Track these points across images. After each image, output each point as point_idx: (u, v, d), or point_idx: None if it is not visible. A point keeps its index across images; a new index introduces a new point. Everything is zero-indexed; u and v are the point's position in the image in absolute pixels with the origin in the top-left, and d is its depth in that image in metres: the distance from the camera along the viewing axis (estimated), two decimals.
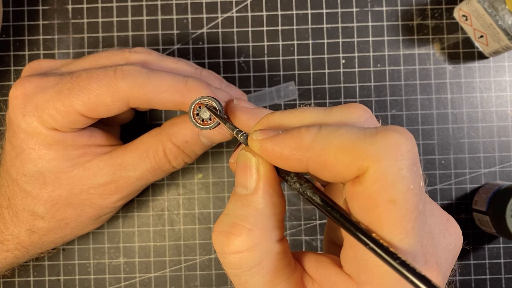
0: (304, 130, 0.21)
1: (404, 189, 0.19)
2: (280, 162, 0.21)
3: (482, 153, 0.43)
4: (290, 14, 0.44)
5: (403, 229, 0.19)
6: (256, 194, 0.22)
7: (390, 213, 0.19)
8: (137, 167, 0.35)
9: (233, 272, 0.22)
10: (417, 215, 0.19)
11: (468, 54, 0.44)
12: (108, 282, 0.43)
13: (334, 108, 0.22)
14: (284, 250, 0.23)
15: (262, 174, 0.22)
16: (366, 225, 0.19)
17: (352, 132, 0.20)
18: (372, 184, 0.19)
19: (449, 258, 0.23)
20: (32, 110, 0.32)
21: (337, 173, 0.20)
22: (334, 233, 0.27)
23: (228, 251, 0.21)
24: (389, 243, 0.19)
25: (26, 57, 0.44)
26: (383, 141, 0.19)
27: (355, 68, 0.44)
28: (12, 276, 0.43)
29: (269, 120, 0.23)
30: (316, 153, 0.20)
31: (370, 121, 0.22)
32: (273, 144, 0.21)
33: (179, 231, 0.43)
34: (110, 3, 0.44)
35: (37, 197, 0.34)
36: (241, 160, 0.23)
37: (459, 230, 0.23)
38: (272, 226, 0.22)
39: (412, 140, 0.19)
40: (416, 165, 0.19)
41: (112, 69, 0.32)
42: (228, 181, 0.43)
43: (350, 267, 0.21)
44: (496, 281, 0.43)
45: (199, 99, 0.28)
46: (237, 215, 0.22)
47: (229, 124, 0.26)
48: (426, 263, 0.20)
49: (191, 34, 0.44)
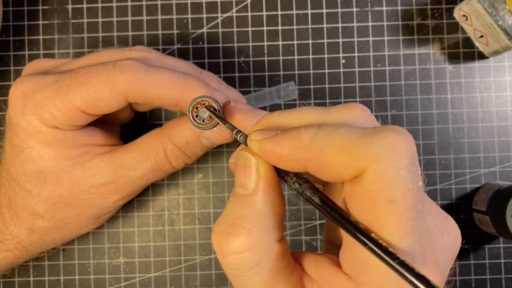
0: (303, 130, 0.21)
1: (402, 189, 0.19)
2: (279, 162, 0.21)
3: (482, 153, 0.43)
4: (290, 14, 0.44)
5: (401, 229, 0.19)
6: (255, 194, 0.22)
7: (388, 213, 0.19)
8: (138, 167, 0.35)
9: (232, 272, 0.22)
10: (415, 215, 0.19)
11: (468, 54, 0.44)
12: (108, 282, 0.43)
13: (333, 108, 0.22)
14: (283, 250, 0.23)
15: (262, 174, 0.22)
16: (365, 225, 0.19)
17: (351, 132, 0.20)
18: (370, 184, 0.19)
19: (448, 257, 0.23)
20: (32, 108, 0.32)
21: (336, 173, 0.20)
22: (333, 233, 0.27)
23: (227, 251, 0.21)
24: (388, 243, 0.19)
25: (26, 57, 0.44)
26: (381, 141, 0.19)
27: (355, 68, 0.44)
28: (12, 276, 0.43)
29: (268, 120, 0.23)
30: (315, 153, 0.20)
31: (369, 120, 0.22)
32: (272, 144, 0.21)
33: (179, 231, 0.43)
34: (110, 3, 0.44)
35: (38, 196, 0.34)
36: (241, 160, 0.23)
37: (457, 230, 0.23)
38: (271, 226, 0.22)
39: (410, 140, 0.19)
40: (415, 165, 0.19)
41: (111, 64, 0.32)
42: (228, 181, 0.43)
43: (349, 267, 0.21)
44: (496, 281, 0.43)
45: (198, 98, 0.28)
46: (237, 215, 0.22)
47: (229, 125, 0.26)
48: (425, 262, 0.20)
49: (191, 34, 0.44)
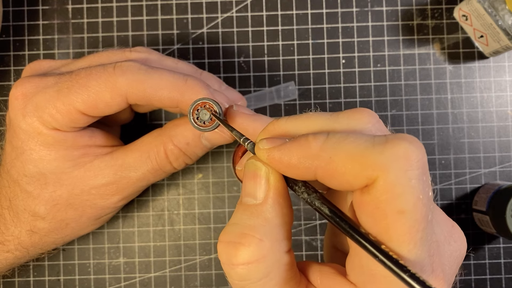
0: (311, 137, 0.20)
1: (413, 199, 0.18)
2: (288, 171, 0.21)
3: (482, 153, 0.43)
4: (290, 14, 0.44)
5: (411, 240, 0.19)
6: (266, 204, 0.22)
7: (398, 224, 0.18)
8: (138, 168, 0.35)
9: (240, 284, 0.21)
10: (425, 226, 0.19)
11: (468, 54, 0.44)
12: (108, 282, 0.43)
13: (341, 113, 0.22)
14: (291, 261, 0.22)
15: (272, 184, 0.22)
16: (375, 235, 0.19)
17: (361, 140, 0.19)
18: (381, 194, 0.19)
19: (454, 265, 0.22)
20: (32, 110, 0.32)
21: (345, 181, 0.20)
22: (336, 239, 0.26)
23: (236, 262, 0.21)
24: (398, 254, 0.19)
25: (26, 57, 0.44)
26: (392, 150, 0.19)
27: (355, 68, 0.44)
28: (12, 276, 0.43)
29: (275, 127, 0.23)
30: (324, 161, 0.20)
31: (377, 126, 0.22)
32: (281, 153, 0.21)
33: (179, 231, 0.43)
34: (110, 3, 0.44)
35: (38, 197, 0.34)
36: (250, 169, 0.22)
37: (463, 237, 0.23)
38: (281, 236, 0.22)
39: (422, 150, 0.19)
40: (426, 174, 0.19)
41: (111, 66, 0.32)
42: (228, 181, 0.43)
43: (356, 276, 0.21)
44: (496, 281, 0.43)
45: (199, 100, 0.28)
46: (246, 225, 0.21)
47: (236, 132, 0.25)
48: (433, 272, 0.20)
49: (191, 34, 0.44)
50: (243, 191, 0.22)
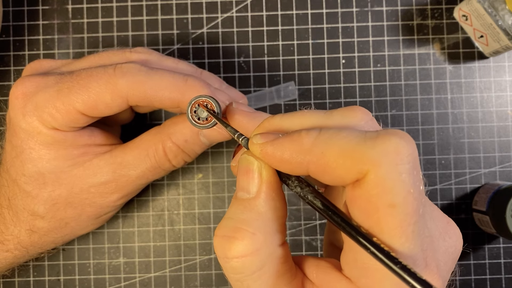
0: (304, 133, 0.21)
1: (403, 193, 0.19)
2: (281, 165, 0.21)
3: (482, 153, 0.43)
4: (290, 14, 0.44)
5: (403, 233, 0.19)
6: (258, 198, 0.22)
7: (390, 218, 0.19)
8: (137, 166, 0.35)
9: (235, 277, 0.22)
10: (417, 219, 0.19)
11: (468, 54, 0.44)
12: (108, 282, 0.43)
13: (335, 111, 0.22)
14: (286, 254, 0.22)
15: (265, 178, 0.22)
16: (367, 229, 0.19)
17: (353, 136, 0.20)
18: (372, 188, 0.19)
19: (449, 261, 0.23)
20: (32, 109, 0.32)
21: (337, 176, 0.20)
22: (333, 236, 0.27)
23: (230, 255, 0.21)
24: (390, 247, 0.19)
25: (26, 57, 0.44)
26: (383, 145, 0.19)
27: (355, 68, 0.44)
28: (12, 276, 0.43)
29: (270, 124, 0.23)
30: (316, 156, 0.20)
31: (370, 124, 0.22)
32: (274, 147, 0.21)
33: (179, 231, 0.43)
34: (110, 3, 0.44)
35: (37, 197, 0.34)
36: (243, 164, 0.23)
37: (459, 233, 0.23)
38: (274, 230, 0.22)
39: (412, 144, 0.19)
40: (416, 169, 0.19)
41: (112, 67, 0.32)
42: (228, 181, 0.43)
43: (350, 270, 0.21)
44: (496, 281, 0.43)
45: (197, 97, 0.28)
46: (240, 219, 0.22)
47: (230, 128, 0.26)
48: (427, 267, 0.20)
49: (191, 34, 0.44)
50: (237, 186, 0.23)
